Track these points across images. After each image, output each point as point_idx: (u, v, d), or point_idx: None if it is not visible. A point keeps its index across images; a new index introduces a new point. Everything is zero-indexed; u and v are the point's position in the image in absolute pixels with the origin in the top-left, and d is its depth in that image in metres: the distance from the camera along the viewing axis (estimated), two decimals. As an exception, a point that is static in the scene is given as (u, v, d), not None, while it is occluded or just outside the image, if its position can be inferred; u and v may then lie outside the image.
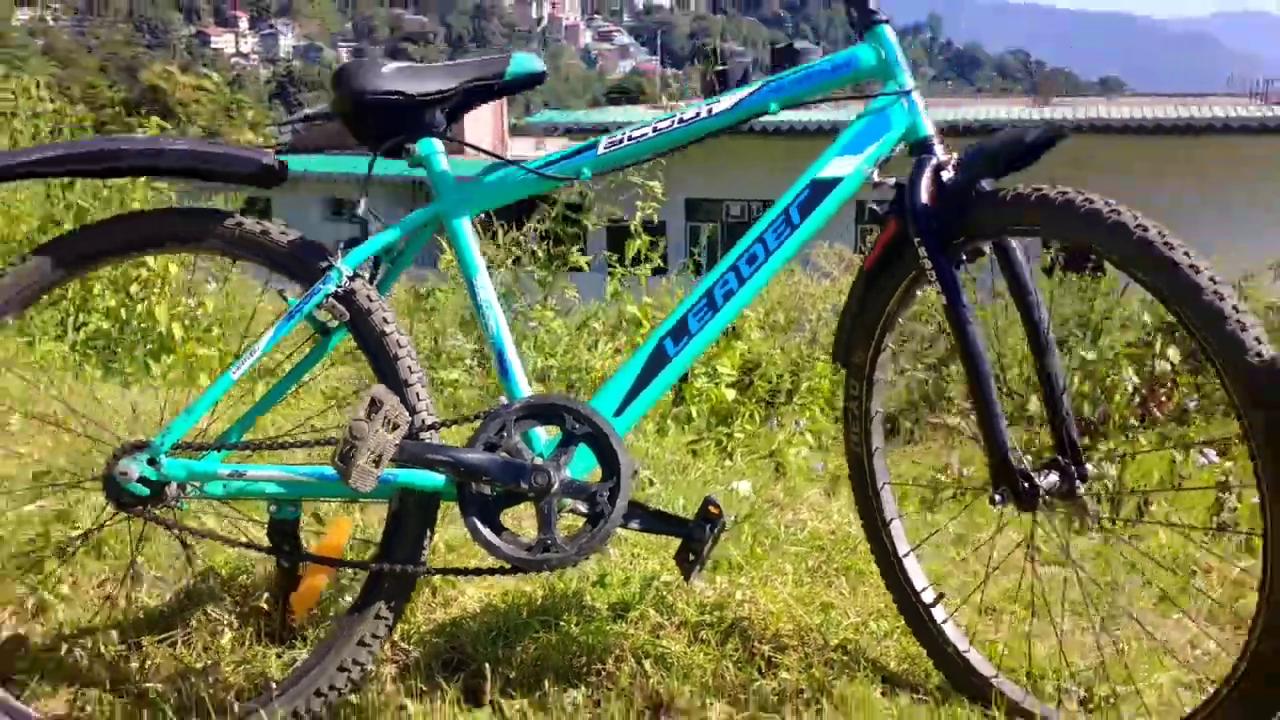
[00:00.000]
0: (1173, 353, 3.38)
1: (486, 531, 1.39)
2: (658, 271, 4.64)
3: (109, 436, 1.70)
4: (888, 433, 6.67)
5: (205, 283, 4.50)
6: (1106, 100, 21.96)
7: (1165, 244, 1.27)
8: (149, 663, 1.68)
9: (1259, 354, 1.20)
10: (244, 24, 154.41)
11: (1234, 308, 1.22)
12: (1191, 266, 1.25)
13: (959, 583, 2.00)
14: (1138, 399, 3.12)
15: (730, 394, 3.92)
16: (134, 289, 3.85)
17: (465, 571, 1.51)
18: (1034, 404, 3.54)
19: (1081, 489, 1.43)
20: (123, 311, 3.91)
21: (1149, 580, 2.05)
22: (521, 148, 25.19)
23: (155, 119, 4.44)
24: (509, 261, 4.40)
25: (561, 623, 1.73)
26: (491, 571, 1.46)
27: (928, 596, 1.65)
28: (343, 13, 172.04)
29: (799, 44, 1.61)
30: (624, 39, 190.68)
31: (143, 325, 3.91)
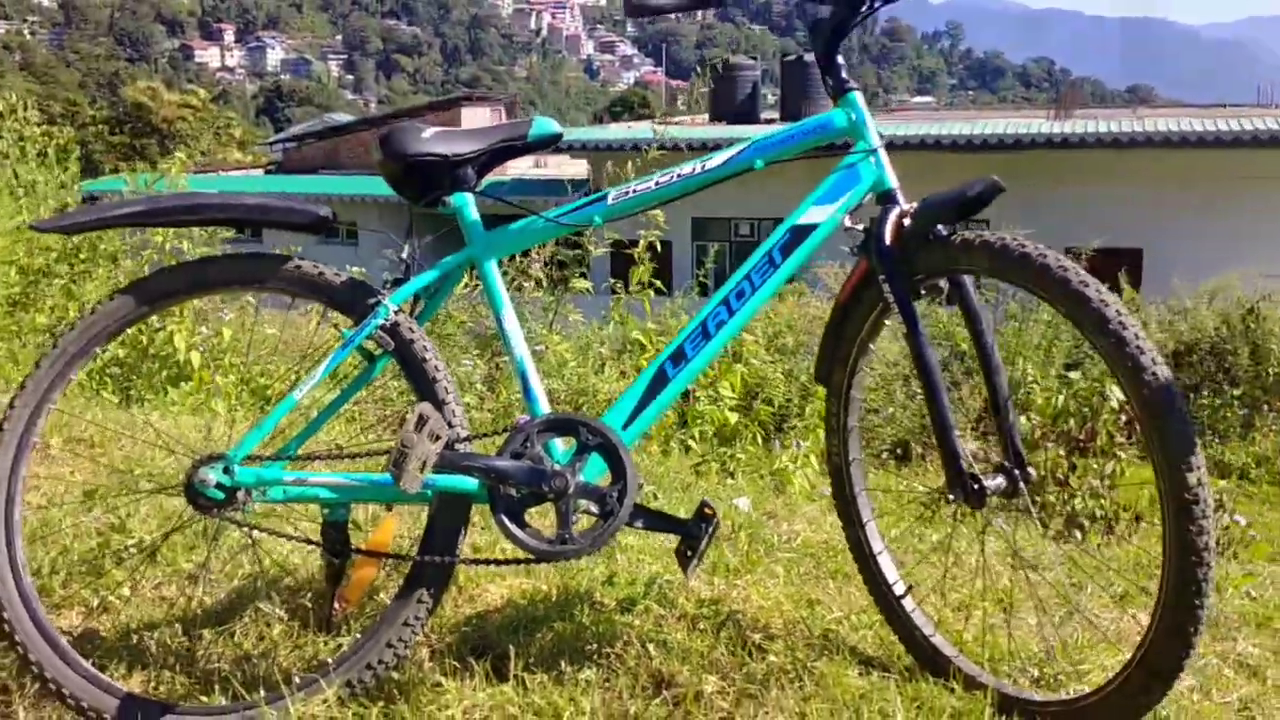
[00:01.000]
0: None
1: (513, 527, 1.72)
2: (659, 293, 5.00)
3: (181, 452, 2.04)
4: (899, 458, 6.96)
5: (218, 312, 4.86)
6: (1132, 112, 22.33)
7: (1081, 282, 1.61)
8: (211, 649, 2.01)
9: (1154, 373, 1.54)
10: (230, 37, 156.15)
11: (1135, 335, 1.56)
12: (1101, 301, 1.59)
13: (934, 580, 2.32)
14: (1123, 417, 3.45)
15: (733, 416, 4.25)
16: (154, 318, 4.20)
17: (494, 562, 1.85)
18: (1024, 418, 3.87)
19: (1024, 489, 1.77)
20: (143, 339, 4.26)
21: (1109, 582, 2.38)
22: (520, 164, 25.70)
23: (180, 156, 4.80)
24: (518, 285, 4.75)
25: (575, 615, 2.06)
26: (518, 561, 1.79)
27: (899, 589, 1.98)
28: (333, 24, 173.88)
29: (809, 57, 1.96)
30: (627, 50, 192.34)
31: (162, 353, 4.26)
